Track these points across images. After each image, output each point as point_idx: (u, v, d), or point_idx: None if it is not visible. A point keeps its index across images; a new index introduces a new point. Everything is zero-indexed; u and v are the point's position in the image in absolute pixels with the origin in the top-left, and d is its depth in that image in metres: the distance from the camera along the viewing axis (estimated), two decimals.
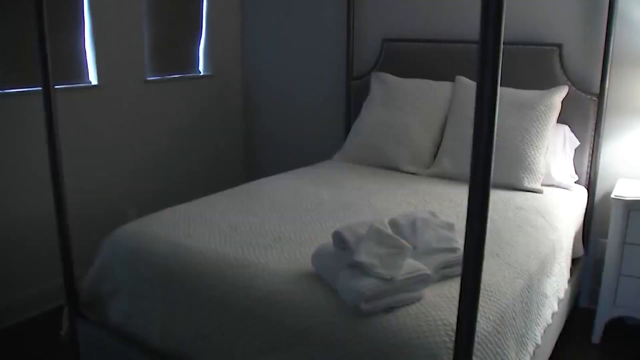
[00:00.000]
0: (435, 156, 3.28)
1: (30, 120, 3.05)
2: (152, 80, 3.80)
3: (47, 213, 2.43)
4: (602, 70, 3.07)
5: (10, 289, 3.12)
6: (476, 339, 1.61)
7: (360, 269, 1.71)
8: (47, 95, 2.16)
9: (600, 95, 3.10)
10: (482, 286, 1.84)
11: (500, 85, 3.18)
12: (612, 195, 2.85)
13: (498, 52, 1.16)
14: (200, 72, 4.22)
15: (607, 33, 3.03)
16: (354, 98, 3.87)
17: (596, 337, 3.00)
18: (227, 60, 4.38)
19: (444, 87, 3.38)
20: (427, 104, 3.35)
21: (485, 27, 1.15)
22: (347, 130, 3.86)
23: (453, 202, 2.68)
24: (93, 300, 2.38)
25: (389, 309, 1.69)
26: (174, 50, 3.99)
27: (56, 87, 2.20)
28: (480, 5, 1.14)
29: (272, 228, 2.32)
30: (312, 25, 4.11)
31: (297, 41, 4.20)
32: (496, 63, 1.17)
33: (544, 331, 2.25)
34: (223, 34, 4.30)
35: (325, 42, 4.08)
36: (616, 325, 3.10)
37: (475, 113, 1.20)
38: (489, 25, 1.15)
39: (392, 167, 3.31)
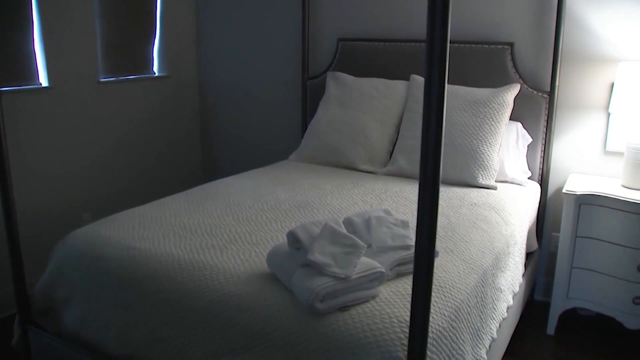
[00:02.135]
0: (391, 154, 3.31)
1: None
2: (105, 81, 3.73)
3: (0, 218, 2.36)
4: (553, 68, 3.14)
5: None
6: (431, 334, 1.63)
7: (314, 268, 1.71)
8: None
9: (551, 93, 3.17)
10: (436, 282, 1.88)
11: (454, 84, 3.22)
12: (564, 190, 2.91)
13: (445, 50, 1.17)
14: (155, 73, 4.16)
15: (556, 32, 3.10)
16: (310, 97, 3.87)
17: (551, 328, 3.06)
18: (183, 60, 4.33)
19: (399, 86, 3.41)
20: (382, 103, 3.37)
21: (431, 26, 1.17)
22: (304, 129, 3.86)
23: (409, 199, 2.70)
24: (46, 307, 2.33)
25: (344, 307, 1.70)
26: (127, 50, 3.93)
27: (3, 89, 2.15)
28: (427, 5, 1.15)
29: (227, 229, 2.30)
30: (268, 25, 4.10)
31: (253, 41, 4.18)
32: (443, 61, 1.18)
33: (500, 325, 2.29)
34: (178, 34, 4.25)
35: (280, 42, 4.07)
36: (570, 317, 3.17)
37: (424, 110, 1.21)
38: (436, 24, 1.16)
39: (348, 166, 3.32)
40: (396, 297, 1.76)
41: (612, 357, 2.88)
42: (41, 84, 3.35)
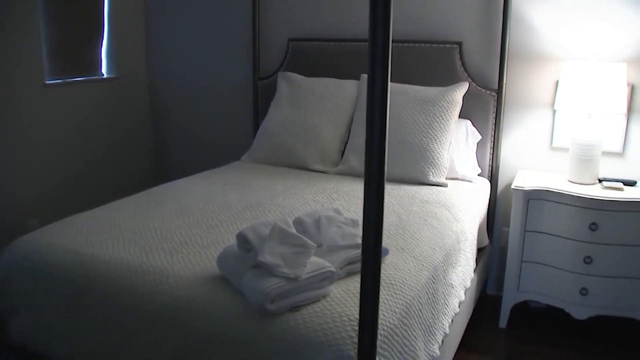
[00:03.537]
0: (342, 154, 3.32)
1: None
2: (51, 83, 3.64)
3: None
4: (500, 67, 3.21)
5: None
6: (382, 332, 1.65)
7: (264, 269, 1.71)
8: None
9: (499, 91, 3.23)
10: (387, 280, 1.89)
11: (404, 83, 3.23)
12: (513, 186, 2.97)
13: (387, 49, 1.18)
14: (103, 75, 4.08)
15: (503, 32, 3.16)
16: (262, 98, 3.85)
17: (503, 321, 3.12)
18: (132, 61, 4.26)
19: (350, 85, 3.42)
20: (334, 103, 3.38)
21: (373, 25, 1.17)
22: (256, 130, 3.84)
23: (360, 198, 2.71)
24: None
25: (295, 307, 1.70)
26: (74, 52, 3.84)
27: None
28: (369, 4, 1.16)
29: (177, 232, 2.27)
30: (218, 25, 4.06)
31: (203, 42, 4.14)
32: (386, 60, 1.19)
33: (452, 320, 2.31)
34: (126, 35, 4.18)
35: (231, 42, 4.04)
36: (521, 309, 3.24)
37: (367, 109, 1.22)
38: (378, 23, 1.17)
39: (300, 167, 3.32)
40: (347, 295, 1.76)
41: (563, 346, 2.95)
42: None
